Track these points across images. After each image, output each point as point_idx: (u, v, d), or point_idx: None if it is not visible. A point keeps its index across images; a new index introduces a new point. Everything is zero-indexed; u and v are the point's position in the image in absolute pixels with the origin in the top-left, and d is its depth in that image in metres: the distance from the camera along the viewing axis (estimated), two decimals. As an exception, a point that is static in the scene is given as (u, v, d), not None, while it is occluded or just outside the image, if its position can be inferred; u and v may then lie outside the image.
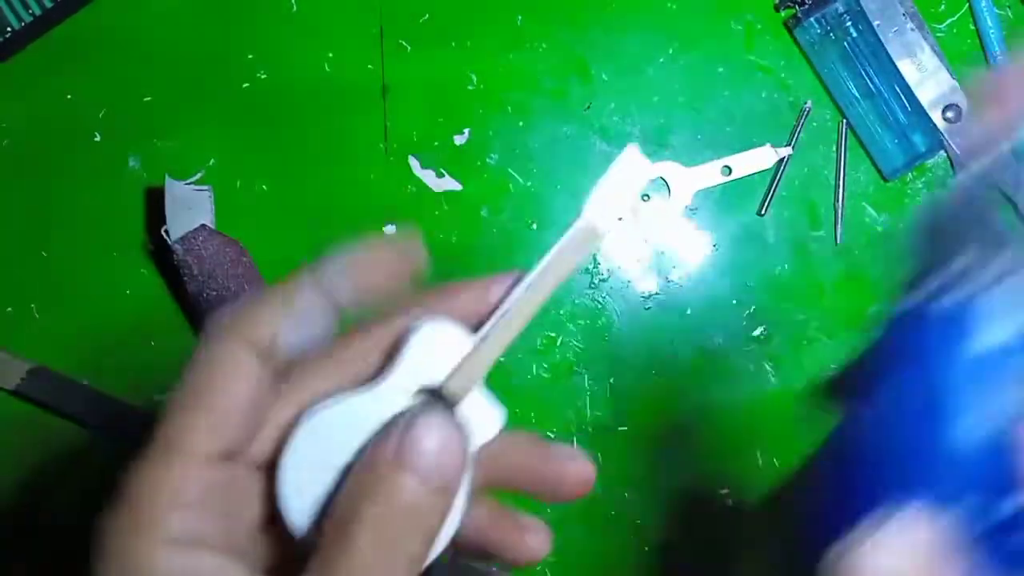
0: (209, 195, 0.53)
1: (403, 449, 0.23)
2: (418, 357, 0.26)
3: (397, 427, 0.24)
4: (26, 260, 0.54)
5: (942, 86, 0.53)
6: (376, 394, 0.26)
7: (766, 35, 0.55)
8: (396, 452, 0.23)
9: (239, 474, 0.25)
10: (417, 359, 0.26)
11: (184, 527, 0.23)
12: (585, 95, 0.55)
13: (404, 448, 0.23)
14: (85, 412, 0.53)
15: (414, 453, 0.23)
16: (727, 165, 0.54)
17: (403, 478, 0.23)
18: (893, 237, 0.55)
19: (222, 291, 0.50)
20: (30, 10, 0.54)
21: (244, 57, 0.54)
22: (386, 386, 0.26)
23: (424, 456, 0.23)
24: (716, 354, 0.55)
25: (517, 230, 0.55)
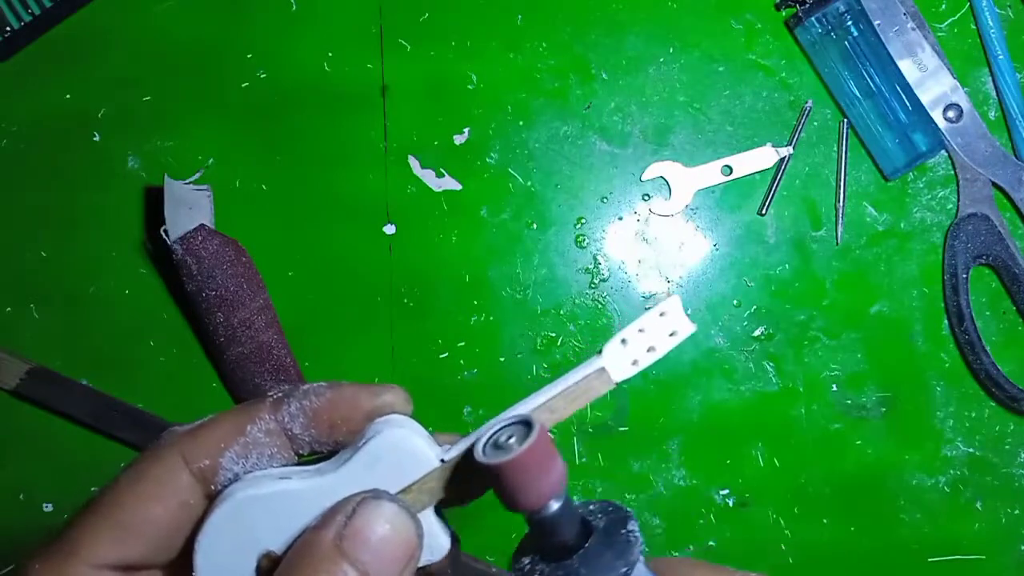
0: (208, 195, 0.52)
1: (347, 535, 0.22)
2: (376, 459, 0.25)
3: (341, 511, 0.22)
4: (25, 260, 0.54)
5: (943, 85, 0.53)
6: (318, 486, 0.24)
7: (767, 34, 0.55)
8: (338, 538, 0.21)
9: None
10: (374, 461, 0.25)
11: None
12: (585, 94, 0.55)
13: (348, 534, 0.22)
14: (84, 412, 0.53)
15: (358, 541, 0.22)
16: (728, 165, 0.54)
17: (343, 570, 0.21)
18: (894, 237, 0.55)
19: (221, 291, 0.50)
20: (29, 10, 0.54)
21: (243, 56, 0.54)
22: (333, 480, 0.24)
23: (369, 547, 0.22)
24: (717, 354, 0.55)
25: (517, 230, 0.54)
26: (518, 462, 0.23)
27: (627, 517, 0.26)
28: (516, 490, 0.24)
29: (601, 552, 0.25)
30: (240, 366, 0.52)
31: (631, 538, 0.26)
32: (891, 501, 0.55)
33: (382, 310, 0.54)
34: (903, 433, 0.55)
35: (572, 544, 0.26)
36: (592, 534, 0.26)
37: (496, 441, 0.25)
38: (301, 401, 0.25)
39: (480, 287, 0.54)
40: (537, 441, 0.24)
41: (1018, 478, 0.55)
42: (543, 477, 0.24)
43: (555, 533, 0.25)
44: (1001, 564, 0.55)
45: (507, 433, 0.25)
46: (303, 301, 0.54)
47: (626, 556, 0.25)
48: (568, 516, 0.25)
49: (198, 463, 0.24)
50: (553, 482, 0.24)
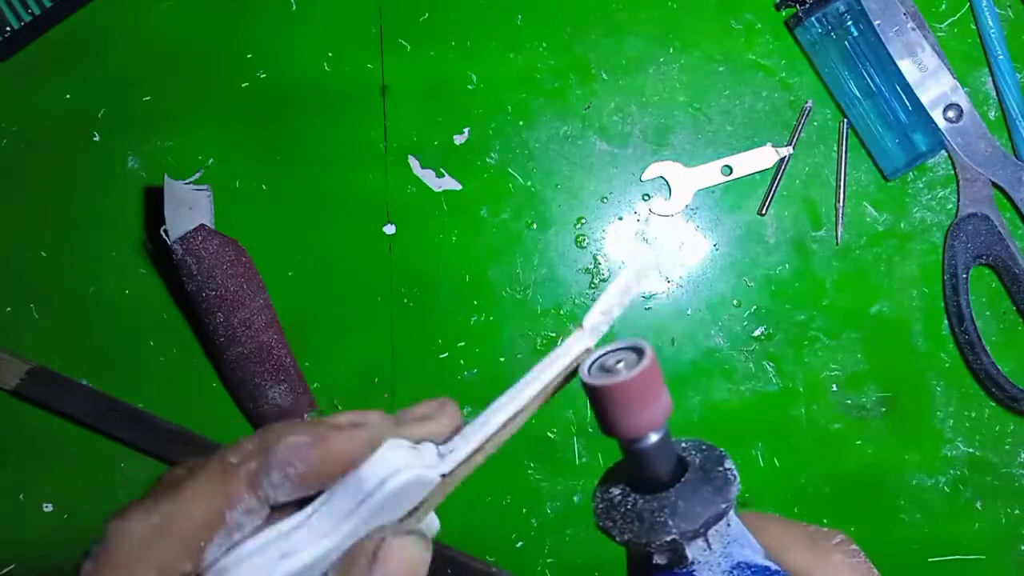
0: (208, 195, 0.52)
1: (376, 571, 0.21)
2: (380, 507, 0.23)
3: (362, 556, 0.22)
4: (25, 260, 0.54)
5: (943, 85, 0.53)
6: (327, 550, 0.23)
7: (767, 34, 0.55)
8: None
9: None
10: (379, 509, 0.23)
11: None
12: (585, 94, 0.55)
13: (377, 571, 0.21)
14: (84, 412, 0.53)
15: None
16: (728, 165, 0.54)
17: None
18: (894, 237, 0.55)
19: (221, 290, 0.50)
20: (30, 10, 0.54)
21: (243, 56, 0.54)
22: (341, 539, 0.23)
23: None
24: (717, 354, 0.55)
25: (517, 229, 0.54)
26: (626, 386, 0.23)
27: (723, 456, 0.26)
28: (621, 415, 0.23)
29: (699, 487, 0.25)
30: (240, 366, 0.52)
31: (729, 475, 0.25)
32: (891, 501, 0.55)
33: (382, 310, 0.54)
34: (903, 433, 0.55)
35: (667, 478, 0.25)
36: (688, 470, 0.25)
37: (604, 364, 0.24)
38: (284, 470, 0.23)
39: (480, 287, 0.54)
40: (649, 366, 0.23)
41: (1018, 478, 0.55)
42: (649, 405, 0.24)
43: (652, 465, 0.25)
44: (1001, 564, 0.55)
45: (616, 357, 0.25)
46: (303, 301, 0.54)
47: (725, 492, 0.25)
48: (667, 449, 0.25)
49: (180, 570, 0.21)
50: (658, 412, 0.24)
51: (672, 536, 0.24)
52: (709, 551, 0.25)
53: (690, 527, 0.24)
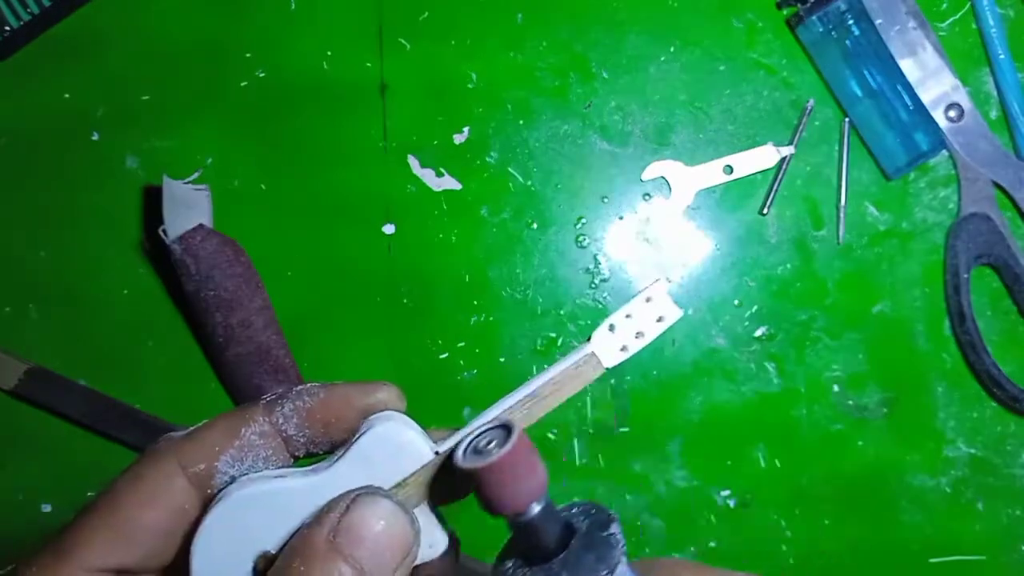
0: (207, 194, 0.52)
1: (341, 532, 0.22)
2: (370, 454, 0.25)
3: (336, 508, 0.22)
4: (24, 260, 0.54)
5: (944, 85, 0.53)
6: (313, 483, 0.24)
7: (768, 33, 0.54)
8: (332, 535, 0.22)
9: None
10: (368, 456, 0.25)
11: None
12: (586, 93, 0.54)
13: (342, 531, 0.22)
14: (82, 412, 0.53)
15: (353, 538, 0.22)
16: (729, 164, 0.54)
17: (338, 567, 0.21)
18: (895, 236, 0.55)
19: (220, 290, 0.50)
20: (28, 9, 0.54)
21: (242, 55, 0.54)
22: (327, 477, 0.24)
23: (364, 544, 0.22)
24: (718, 354, 0.54)
25: (517, 229, 0.54)
26: (497, 466, 0.23)
27: (609, 519, 0.26)
28: (496, 494, 0.24)
29: (582, 555, 0.25)
30: (239, 366, 0.52)
31: (612, 540, 0.25)
32: (892, 502, 0.55)
33: (382, 310, 0.54)
34: (904, 433, 0.55)
35: (554, 547, 0.26)
36: (574, 536, 0.26)
37: (476, 446, 0.25)
38: (295, 402, 0.25)
39: (480, 287, 0.54)
40: (516, 445, 0.24)
41: (1019, 479, 0.55)
42: (523, 481, 0.24)
43: (537, 536, 0.25)
44: (1002, 565, 0.55)
45: (487, 437, 0.25)
46: (302, 301, 0.54)
47: (608, 559, 0.25)
48: (550, 519, 0.25)
49: (194, 468, 0.24)
50: (533, 486, 0.24)
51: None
52: None
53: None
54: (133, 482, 0.24)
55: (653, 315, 0.27)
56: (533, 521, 0.25)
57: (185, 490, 0.24)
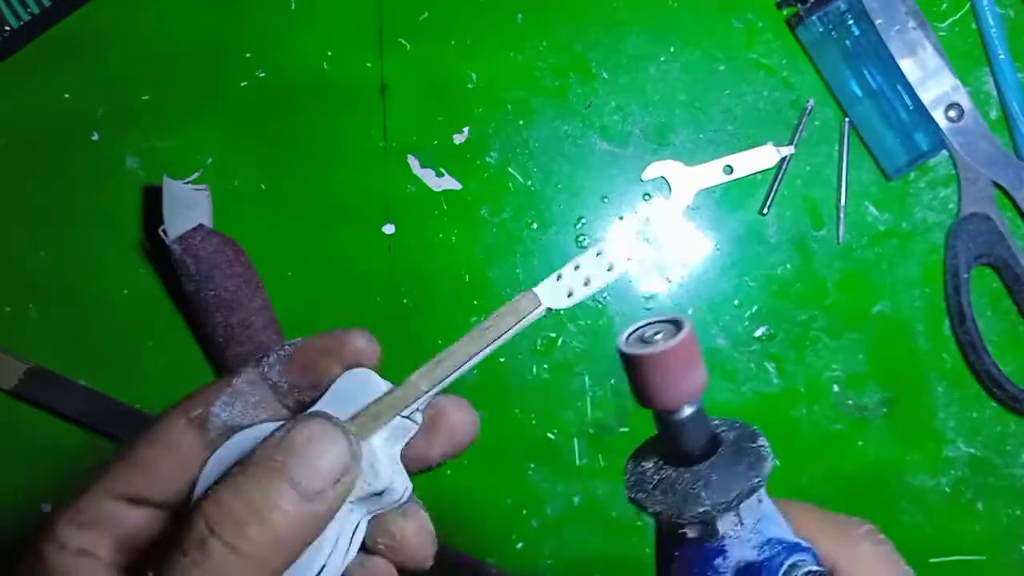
0: (207, 194, 0.52)
1: (279, 446, 0.24)
2: (336, 396, 0.27)
3: (282, 427, 0.24)
4: (24, 260, 0.54)
5: (944, 85, 0.53)
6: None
7: (768, 33, 0.54)
8: (271, 447, 0.24)
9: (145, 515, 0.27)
10: (335, 397, 0.27)
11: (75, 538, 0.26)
12: (586, 93, 0.54)
13: (281, 445, 0.24)
14: (82, 412, 0.53)
15: (288, 451, 0.24)
16: (729, 164, 0.54)
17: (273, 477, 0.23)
18: (895, 236, 0.55)
19: (220, 291, 0.50)
20: (28, 9, 0.54)
21: (242, 55, 0.54)
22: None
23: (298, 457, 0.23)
24: (718, 354, 0.54)
25: (517, 229, 0.54)
26: (665, 357, 0.23)
27: (757, 433, 0.26)
28: (657, 386, 0.24)
29: (733, 462, 0.25)
30: (239, 366, 0.52)
31: (763, 452, 0.25)
32: (892, 502, 0.55)
33: (382, 310, 0.54)
34: (904, 433, 0.55)
35: (700, 453, 0.25)
36: (721, 445, 0.26)
37: (642, 335, 0.25)
38: (278, 352, 0.28)
39: (480, 287, 0.54)
40: (686, 338, 0.23)
41: (1019, 478, 0.55)
42: (686, 377, 0.24)
43: (686, 438, 0.25)
44: (1002, 564, 0.55)
45: (654, 329, 0.25)
46: (302, 301, 0.54)
47: (758, 468, 0.25)
48: (701, 423, 0.25)
49: (193, 412, 0.27)
50: (694, 384, 0.24)
51: (705, 508, 0.24)
52: (740, 526, 0.25)
53: (723, 500, 0.24)
54: (148, 431, 0.27)
55: (603, 265, 0.28)
56: (686, 420, 0.25)
57: (185, 432, 0.27)
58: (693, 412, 0.25)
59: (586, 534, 0.54)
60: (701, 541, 0.25)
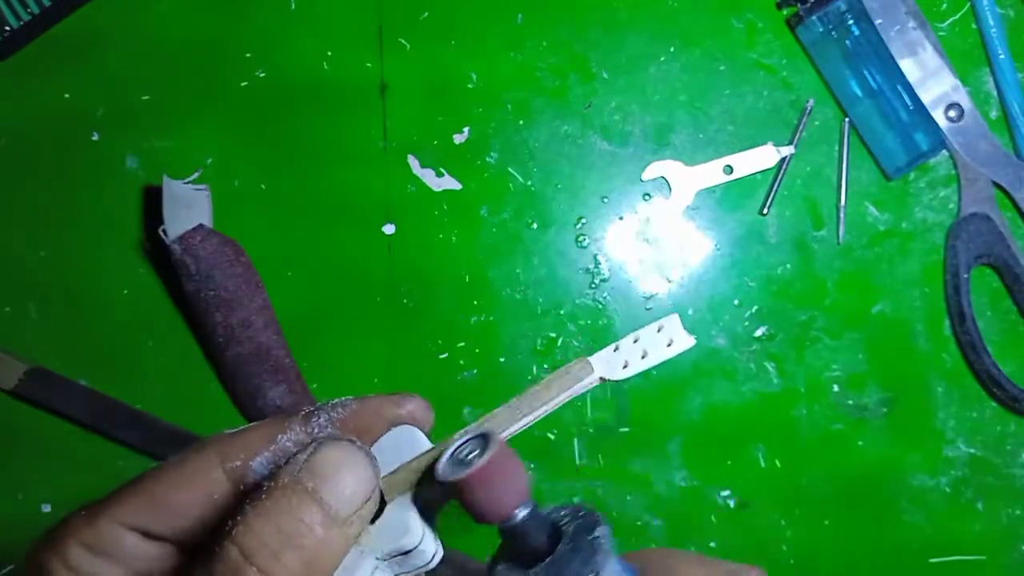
0: (207, 194, 0.52)
1: (304, 468, 0.23)
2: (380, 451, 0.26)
3: (304, 450, 0.24)
4: (24, 260, 0.54)
5: (944, 85, 0.53)
6: None
7: (768, 33, 0.54)
8: (296, 469, 0.23)
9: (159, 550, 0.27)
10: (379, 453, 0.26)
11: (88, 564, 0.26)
12: (586, 93, 0.54)
13: (306, 468, 0.23)
14: (82, 412, 0.53)
15: (313, 472, 0.23)
16: (729, 164, 0.54)
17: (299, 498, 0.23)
18: (895, 236, 0.55)
19: (220, 290, 0.50)
20: (29, 9, 0.54)
21: (242, 55, 0.54)
22: None
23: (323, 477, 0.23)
24: (718, 354, 0.54)
25: (517, 229, 0.54)
26: (475, 476, 0.24)
27: (596, 522, 0.27)
28: (480, 503, 0.24)
29: (568, 558, 0.26)
30: (239, 366, 0.52)
31: (597, 544, 0.26)
32: (892, 502, 0.55)
33: (382, 310, 0.54)
34: (904, 433, 0.55)
35: (543, 550, 0.26)
36: (561, 539, 0.26)
37: (457, 456, 0.25)
38: (329, 413, 0.27)
39: (480, 287, 0.54)
40: (494, 455, 0.24)
41: (1019, 478, 0.55)
42: (504, 489, 0.24)
43: (524, 541, 0.26)
44: (1002, 565, 0.55)
45: (467, 448, 0.26)
46: (302, 301, 0.54)
47: (592, 563, 0.25)
48: (536, 524, 0.26)
49: (231, 463, 0.26)
50: (515, 493, 0.25)
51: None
52: None
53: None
54: (177, 464, 0.27)
55: (663, 340, 0.28)
56: (518, 527, 0.25)
57: (219, 481, 0.26)
58: (526, 515, 0.25)
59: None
60: None
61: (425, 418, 0.28)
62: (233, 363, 0.52)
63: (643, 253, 0.55)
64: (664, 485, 0.55)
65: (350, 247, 0.54)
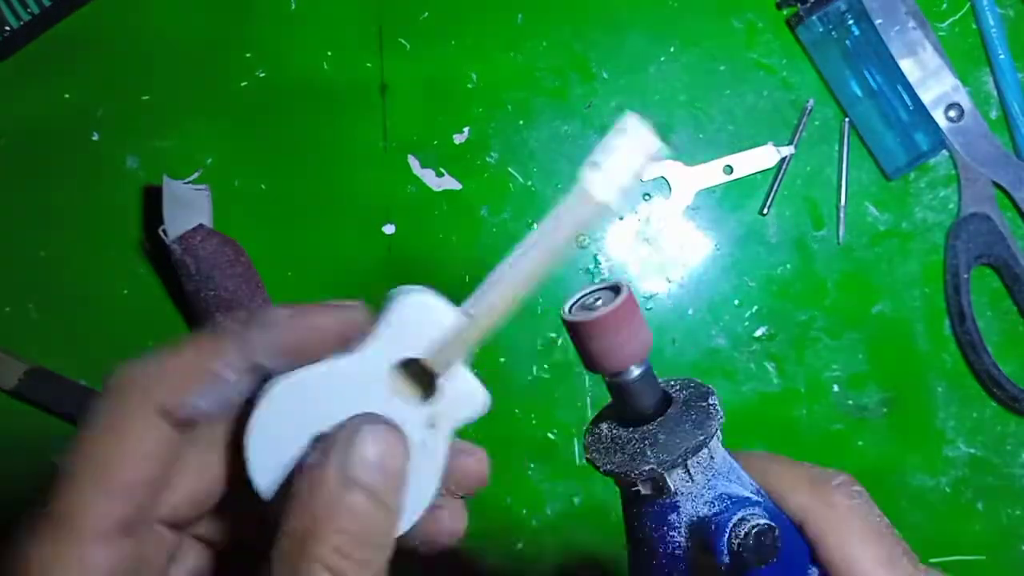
0: (207, 194, 0.52)
1: (351, 464, 0.22)
2: (399, 327, 0.25)
3: (339, 440, 0.23)
4: (24, 260, 0.54)
5: (944, 85, 0.53)
6: (351, 363, 0.25)
7: (767, 33, 0.54)
8: (342, 468, 0.22)
9: (144, 539, 0.24)
10: (398, 329, 0.25)
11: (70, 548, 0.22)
12: (586, 93, 0.54)
13: (352, 463, 0.22)
14: (82, 412, 0.53)
15: (363, 467, 0.22)
16: (729, 164, 0.54)
17: (354, 497, 0.22)
18: (895, 236, 0.55)
19: (220, 290, 0.50)
20: (28, 9, 0.54)
21: (242, 56, 0.54)
22: (363, 356, 0.25)
23: (374, 469, 0.23)
24: (718, 354, 0.54)
25: (517, 229, 0.54)
26: (602, 321, 0.24)
27: (708, 392, 0.27)
28: (601, 350, 0.24)
29: (680, 420, 0.25)
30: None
31: (711, 410, 0.26)
32: (892, 502, 0.55)
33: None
34: (904, 434, 0.55)
35: (651, 412, 0.26)
36: (672, 405, 0.26)
37: (584, 303, 0.25)
38: (266, 334, 0.25)
39: (480, 287, 0.54)
40: (623, 303, 0.24)
41: (1019, 478, 0.55)
42: (628, 339, 0.24)
43: (635, 399, 0.26)
44: (1002, 565, 0.55)
45: (595, 296, 0.25)
46: (302, 301, 0.54)
47: (705, 426, 0.25)
48: (649, 384, 0.26)
49: (166, 402, 0.24)
50: (637, 346, 0.25)
51: (651, 466, 0.25)
52: (691, 482, 0.26)
53: (668, 457, 0.25)
54: (109, 429, 0.23)
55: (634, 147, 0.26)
56: (633, 382, 0.25)
57: (160, 430, 0.24)
58: (640, 374, 0.25)
59: (586, 534, 0.54)
60: (654, 498, 0.26)
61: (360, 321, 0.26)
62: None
63: (643, 253, 0.55)
64: (664, 485, 0.55)
65: (350, 247, 0.54)
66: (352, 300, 0.26)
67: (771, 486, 0.28)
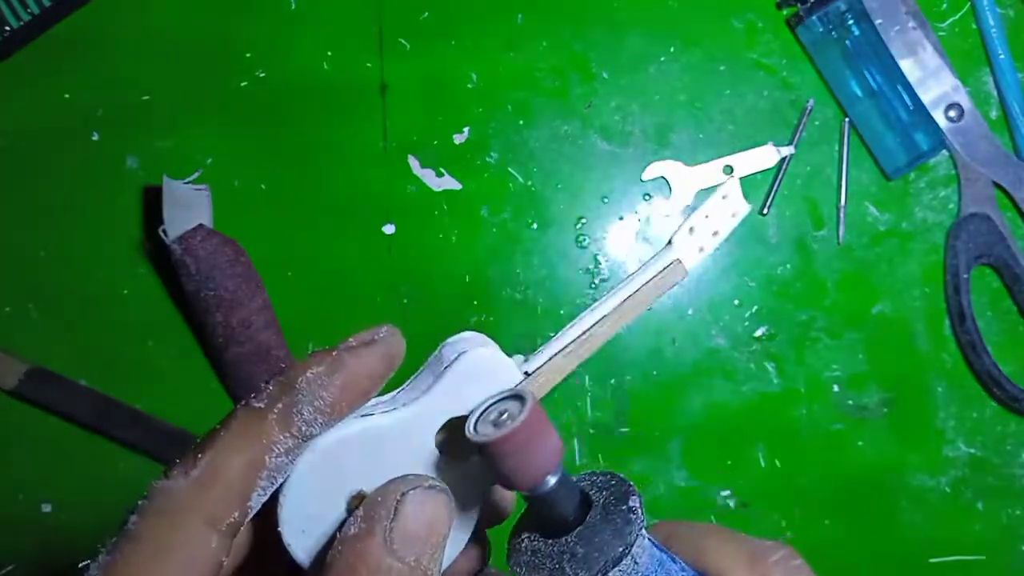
0: (207, 194, 0.52)
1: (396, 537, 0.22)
2: (462, 380, 0.24)
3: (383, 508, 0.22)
4: (24, 260, 0.54)
5: (944, 85, 0.53)
6: (402, 417, 0.24)
7: (768, 33, 0.54)
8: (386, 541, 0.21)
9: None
10: (460, 382, 0.24)
11: None
12: (586, 93, 0.54)
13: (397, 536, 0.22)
14: (82, 412, 0.53)
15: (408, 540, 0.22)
16: (729, 164, 0.54)
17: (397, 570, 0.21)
18: (896, 236, 0.55)
19: (220, 290, 0.50)
20: (28, 9, 0.54)
21: (243, 56, 0.54)
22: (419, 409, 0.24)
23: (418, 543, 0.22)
24: (718, 354, 0.54)
25: (517, 229, 0.54)
26: (508, 438, 0.22)
27: (628, 492, 0.25)
28: (509, 468, 0.23)
29: (599, 530, 0.24)
30: (239, 366, 0.52)
31: (631, 515, 0.24)
32: (892, 502, 0.55)
33: (382, 310, 0.54)
34: (904, 433, 0.55)
35: (571, 520, 0.25)
36: (591, 509, 0.25)
37: (489, 417, 0.24)
38: (313, 403, 0.23)
39: (480, 287, 0.54)
40: (528, 417, 0.22)
41: (1019, 478, 0.55)
42: (536, 454, 0.23)
43: (553, 510, 0.24)
44: (1002, 565, 0.55)
45: (499, 409, 0.24)
46: (302, 301, 0.54)
47: (624, 535, 0.24)
48: (565, 492, 0.24)
49: (227, 519, 0.22)
50: (547, 458, 0.23)
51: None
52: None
53: (587, 574, 0.23)
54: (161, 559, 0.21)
55: (727, 211, 0.26)
56: (548, 494, 0.24)
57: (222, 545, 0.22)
58: (554, 483, 0.24)
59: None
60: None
61: (401, 352, 0.25)
62: (233, 363, 0.52)
63: (643, 253, 0.55)
64: (664, 485, 0.55)
65: (350, 247, 0.54)
66: (384, 327, 0.25)
67: (708, 565, 0.27)
